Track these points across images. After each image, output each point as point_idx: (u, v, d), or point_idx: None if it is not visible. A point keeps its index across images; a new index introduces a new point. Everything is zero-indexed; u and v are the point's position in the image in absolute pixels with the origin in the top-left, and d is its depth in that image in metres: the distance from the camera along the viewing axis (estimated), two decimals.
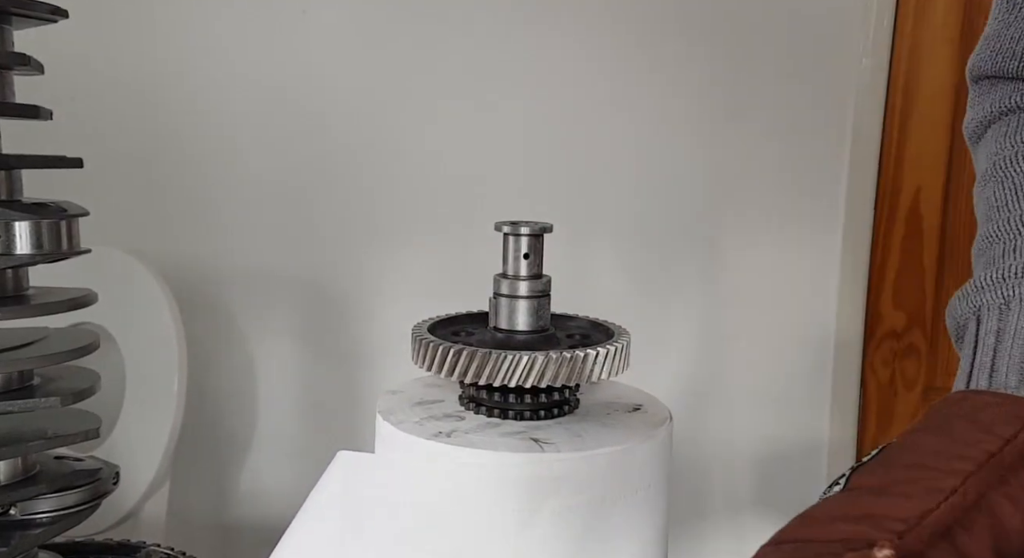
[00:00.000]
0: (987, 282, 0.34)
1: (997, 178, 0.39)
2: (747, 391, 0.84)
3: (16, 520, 0.44)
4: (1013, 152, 0.38)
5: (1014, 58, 0.40)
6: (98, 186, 0.64)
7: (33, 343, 0.44)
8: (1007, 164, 0.38)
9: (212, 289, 0.80)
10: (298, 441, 0.83)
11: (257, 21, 0.76)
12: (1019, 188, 0.37)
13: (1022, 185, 0.37)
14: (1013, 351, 0.31)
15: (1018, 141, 0.39)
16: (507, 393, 0.37)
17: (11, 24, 0.41)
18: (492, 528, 0.33)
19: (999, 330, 0.32)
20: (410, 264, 0.80)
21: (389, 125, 0.78)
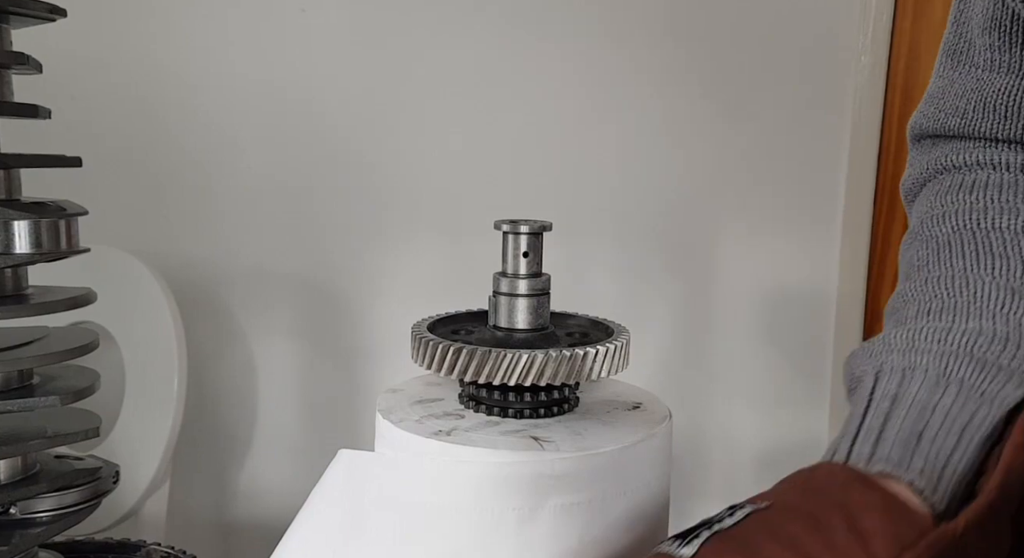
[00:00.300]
0: (894, 341, 0.33)
1: (922, 237, 0.37)
2: (747, 390, 0.84)
3: (16, 519, 0.44)
4: (941, 212, 0.37)
5: (956, 115, 0.39)
6: (97, 185, 0.64)
7: (33, 342, 0.44)
8: (933, 224, 0.37)
9: (212, 288, 0.80)
10: (298, 440, 0.83)
11: (256, 20, 0.76)
12: (941, 248, 0.36)
13: (944, 245, 0.36)
14: (905, 422, 0.29)
15: (947, 201, 0.37)
16: (507, 391, 0.37)
17: (9, 23, 0.41)
18: (492, 526, 0.33)
19: (896, 396, 0.31)
20: (409, 263, 0.80)
21: (388, 124, 0.78)
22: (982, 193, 0.36)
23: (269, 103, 0.77)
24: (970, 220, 0.35)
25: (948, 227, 0.36)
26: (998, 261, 0.33)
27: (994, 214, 0.35)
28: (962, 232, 0.35)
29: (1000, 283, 0.33)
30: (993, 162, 0.37)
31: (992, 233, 0.34)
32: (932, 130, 0.40)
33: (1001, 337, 0.31)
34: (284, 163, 0.79)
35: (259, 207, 0.79)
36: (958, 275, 0.34)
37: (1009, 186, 0.35)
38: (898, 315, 0.36)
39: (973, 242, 0.34)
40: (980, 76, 0.37)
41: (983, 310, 0.32)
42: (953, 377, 0.30)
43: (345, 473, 0.36)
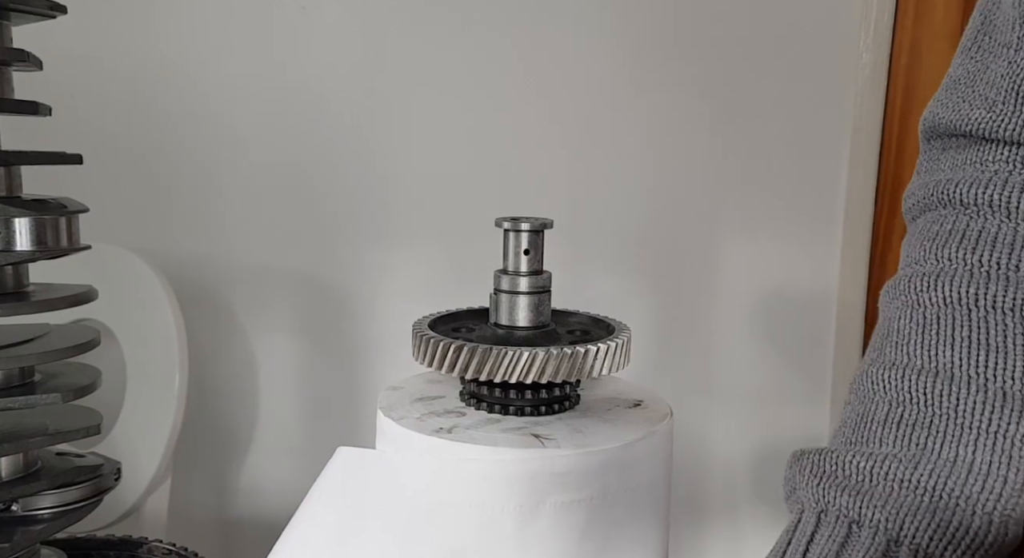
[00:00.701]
0: (849, 471, 0.29)
1: (908, 297, 0.32)
2: (747, 389, 0.84)
3: (18, 516, 0.44)
4: (935, 270, 0.31)
5: (982, 105, 0.32)
6: (98, 182, 0.64)
7: (34, 339, 0.44)
8: (923, 286, 0.31)
9: (213, 285, 0.80)
10: (299, 437, 0.83)
11: (257, 18, 0.76)
12: (928, 324, 0.30)
13: (932, 322, 0.30)
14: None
15: (944, 256, 0.31)
16: (508, 389, 0.37)
17: (10, 20, 0.41)
18: (493, 524, 0.33)
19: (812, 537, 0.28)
20: (410, 260, 0.80)
21: (390, 122, 0.78)
22: (988, 254, 0.30)
23: (270, 101, 0.77)
24: (967, 293, 0.29)
25: (940, 296, 0.30)
26: (992, 356, 0.28)
27: (996, 289, 0.29)
28: (955, 307, 0.30)
29: (990, 388, 0.28)
30: (1010, 203, 0.30)
31: (991, 315, 0.29)
32: (951, 123, 0.33)
33: (979, 472, 0.27)
34: (285, 160, 0.79)
35: (260, 205, 0.79)
36: (942, 373, 0.29)
37: (1021, 246, 0.29)
38: (857, 423, 0.31)
39: (967, 325, 0.29)
40: (1012, 58, 0.31)
41: (963, 430, 0.28)
42: (906, 544, 0.27)
43: (345, 470, 0.36)
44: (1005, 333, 0.28)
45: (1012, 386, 0.28)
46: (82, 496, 0.46)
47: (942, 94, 0.35)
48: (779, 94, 0.79)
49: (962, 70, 0.34)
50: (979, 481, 0.27)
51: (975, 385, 0.28)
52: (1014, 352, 0.28)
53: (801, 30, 0.78)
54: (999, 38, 0.32)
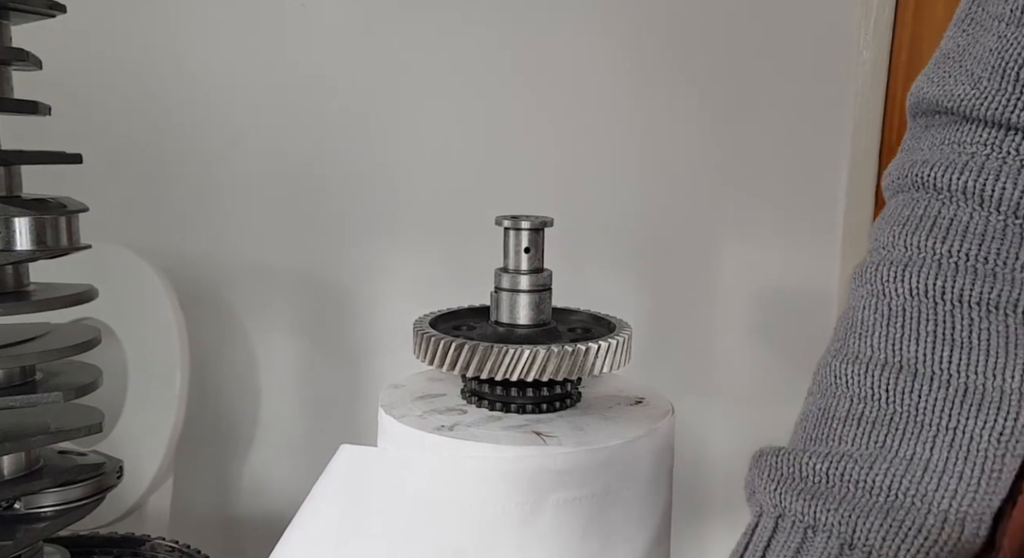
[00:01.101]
0: (806, 473, 0.28)
1: (875, 286, 0.31)
2: (747, 387, 0.84)
3: (21, 514, 0.45)
4: (904, 258, 0.30)
5: (967, 81, 0.30)
6: (98, 182, 0.64)
7: (35, 339, 0.44)
8: (891, 274, 0.30)
9: (213, 284, 0.80)
10: (301, 435, 0.83)
11: (257, 16, 0.76)
12: (894, 316, 0.29)
13: (898, 314, 0.29)
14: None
15: (913, 244, 0.30)
16: (509, 387, 0.37)
17: (9, 19, 0.41)
18: (495, 521, 0.33)
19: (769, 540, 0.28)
20: (411, 258, 0.80)
21: (390, 120, 0.78)
22: (957, 245, 0.29)
23: (270, 99, 0.77)
24: (934, 286, 0.29)
25: (907, 287, 0.29)
26: (956, 352, 0.28)
27: (964, 282, 0.28)
28: (921, 300, 0.29)
29: (952, 384, 0.27)
30: (984, 191, 0.29)
31: (957, 309, 0.28)
32: (935, 99, 0.32)
33: (934, 469, 0.27)
34: (285, 159, 0.78)
35: (260, 204, 0.79)
36: (906, 369, 0.28)
37: (993, 236, 0.28)
38: (818, 418, 0.30)
39: (932, 319, 0.28)
40: (1003, 31, 0.29)
41: (922, 427, 0.27)
42: (859, 547, 0.26)
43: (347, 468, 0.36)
44: (970, 328, 0.28)
45: (975, 380, 0.27)
46: (84, 494, 0.46)
47: (930, 68, 0.33)
48: (779, 91, 0.79)
49: (952, 43, 0.32)
50: (934, 479, 0.27)
51: (938, 381, 0.28)
52: (978, 347, 0.28)
53: (801, 27, 0.78)
54: (991, 10, 0.30)
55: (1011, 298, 0.28)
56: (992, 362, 0.27)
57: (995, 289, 0.28)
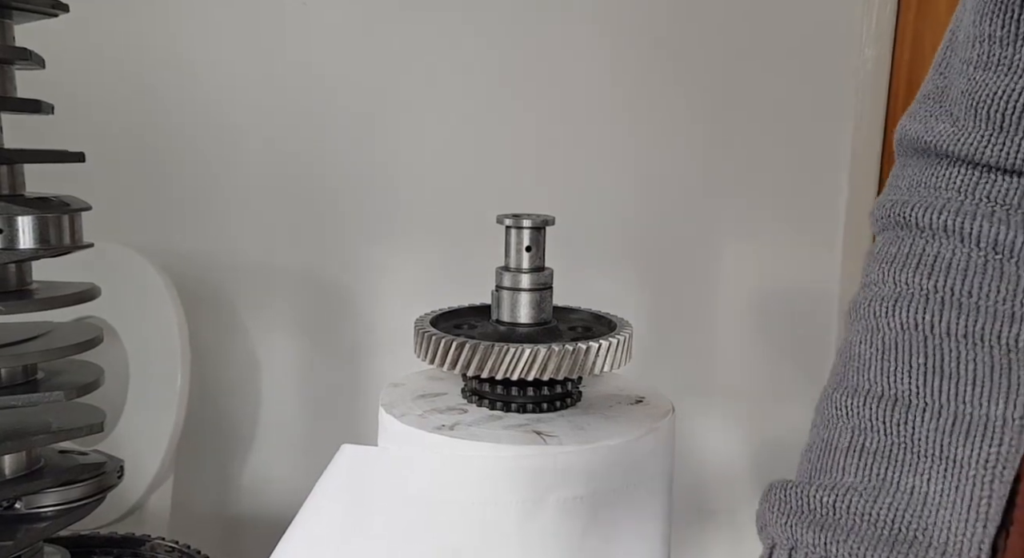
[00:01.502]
0: (815, 505, 0.29)
1: (867, 321, 0.32)
2: (747, 387, 0.84)
3: (21, 514, 0.45)
4: (893, 293, 0.31)
5: (946, 119, 0.32)
6: (100, 180, 0.64)
7: (37, 337, 0.44)
8: (882, 309, 0.31)
9: (215, 283, 0.80)
10: (301, 435, 0.83)
11: (257, 14, 0.76)
12: (887, 350, 0.30)
13: (891, 347, 0.30)
14: None
15: (901, 280, 0.31)
16: (509, 386, 0.37)
17: (12, 18, 0.41)
18: (495, 521, 0.33)
19: None
20: (412, 257, 0.80)
21: (391, 119, 0.78)
22: (943, 280, 0.30)
23: (272, 98, 0.77)
24: (923, 320, 0.30)
25: (898, 322, 0.31)
26: (946, 382, 0.29)
27: (951, 315, 0.30)
28: (912, 333, 0.30)
29: (944, 414, 0.28)
30: (963, 229, 0.30)
31: (945, 342, 0.30)
32: (917, 135, 0.34)
33: (933, 503, 0.28)
34: (286, 158, 0.79)
35: (262, 203, 0.79)
36: (900, 400, 0.30)
37: (975, 271, 0.30)
38: (828, 429, 0.32)
39: (923, 351, 0.30)
40: (971, 74, 0.31)
41: (919, 459, 0.29)
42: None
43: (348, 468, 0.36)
44: (958, 359, 0.29)
45: (963, 409, 0.29)
46: (85, 494, 0.46)
47: (913, 107, 0.35)
48: (780, 90, 0.79)
49: (932, 85, 0.34)
50: (932, 512, 0.28)
51: (931, 411, 0.29)
52: (965, 377, 0.29)
53: (802, 25, 0.78)
54: (961, 55, 0.32)
55: (993, 330, 0.29)
56: (978, 391, 0.29)
57: (979, 322, 0.29)
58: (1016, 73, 0.29)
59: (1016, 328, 0.29)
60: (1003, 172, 0.30)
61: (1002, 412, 0.28)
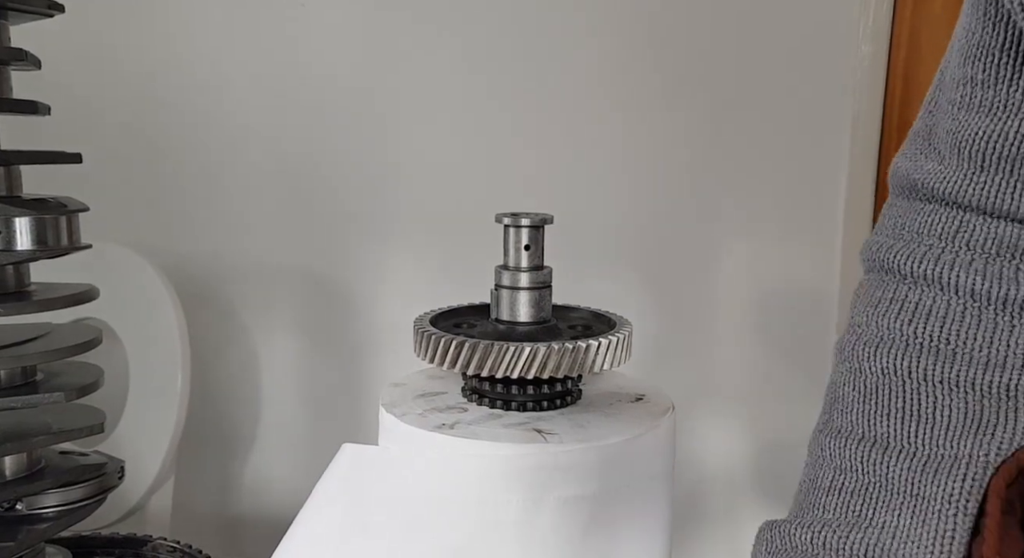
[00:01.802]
0: (800, 543, 0.31)
1: (852, 363, 0.34)
2: (747, 386, 0.84)
3: (22, 515, 0.45)
4: (876, 337, 0.33)
5: (936, 158, 0.33)
6: (98, 181, 0.64)
7: (36, 339, 0.44)
8: (865, 353, 0.33)
9: (214, 283, 0.80)
10: (302, 434, 0.83)
11: (256, 14, 0.76)
12: (869, 393, 0.32)
13: (872, 391, 0.32)
14: None
15: (884, 325, 0.33)
16: (509, 384, 0.37)
17: (7, 19, 0.41)
18: (496, 519, 0.33)
19: None
20: (411, 256, 0.80)
21: (390, 118, 0.78)
22: (922, 327, 0.32)
23: (270, 98, 0.77)
24: (902, 365, 0.32)
25: (879, 365, 0.33)
26: (922, 426, 0.31)
27: (928, 361, 0.31)
28: (892, 378, 0.32)
29: (918, 455, 0.30)
30: (942, 278, 0.32)
31: (923, 387, 0.31)
32: (907, 172, 0.35)
33: (903, 537, 0.29)
34: (285, 158, 0.78)
35: (261, 202, 0.79)
36: (879, 442, 0.31)
37: (953, 319, 0.31)
38: (814, 468, 0.33)
39: (902, 395, 0.31)
40: (956, 115, 0.32)
41: (891, 496, 0.30)
42: None
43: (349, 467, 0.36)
44: (934, 404, 0.31)
45: (936, 451, 0.30)
46: (86, 495, 0.46)
47: (905, 145, 0.37)
48: (777, 87, 0.79)
49: (921, 124, 0.36)
50: (901, 546, 0.29)
51: (906, 453, 0.31)
52: (940, 422, 0.30)
53: (799, 22, 0.78)
54: (947, 95, 0.33)
55: (968, 376, 0.30)
56: (951, 434, 0.30)
57: (955, 368, 0.31)
58: (997, 115, 0.30)
59: (990, 374, 0.30)
60: (984, 215, 0.32)
61: (969, 450, 0.29)
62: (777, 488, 0.85)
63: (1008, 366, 0.30)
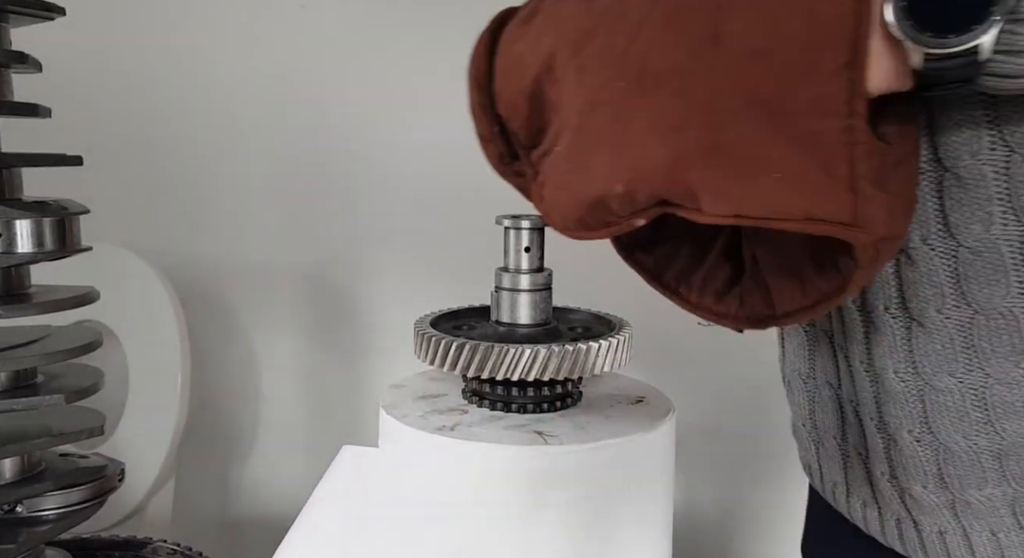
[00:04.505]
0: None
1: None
2: (748, 385, 0.84)
3: (22, 517, 0.45)
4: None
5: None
6: (98, 184, 0.64)
7: (36, 341, 0.44)
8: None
9: (214, 285, 0.80)
10: (302, 436, 0.83)
11: (256, 17, 0.76)
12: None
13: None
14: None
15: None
16: (510, 386, 0.37)
17: (8, 22, 0.41)
18: (497, 521, 0.33)
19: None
20: (412, 258, 0.80)
21: (389, 120, 0.78)
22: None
23: (269, 100, 0.77)
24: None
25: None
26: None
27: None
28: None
29: None
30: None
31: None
32: None
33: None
34: (285, 160, 0.79)
35: (260, 204, 0.79)
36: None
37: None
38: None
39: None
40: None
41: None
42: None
43: (349, 469, 0.36)
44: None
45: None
46: (86, 497, 0.46)
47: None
48: None
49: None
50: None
51: None
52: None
53: None
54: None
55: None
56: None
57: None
58: None
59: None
60: None
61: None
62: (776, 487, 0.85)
63: None
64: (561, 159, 0.30)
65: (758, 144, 0.25)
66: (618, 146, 0.28)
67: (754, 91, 0.25)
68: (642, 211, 0.28)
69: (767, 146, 0.25)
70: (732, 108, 0.26)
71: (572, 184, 0.30)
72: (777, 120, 0.25)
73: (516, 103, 0.33)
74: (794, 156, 0.25)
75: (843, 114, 0.24)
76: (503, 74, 0.34)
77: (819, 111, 0.25)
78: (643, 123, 0.27)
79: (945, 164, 0.32)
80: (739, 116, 0.26)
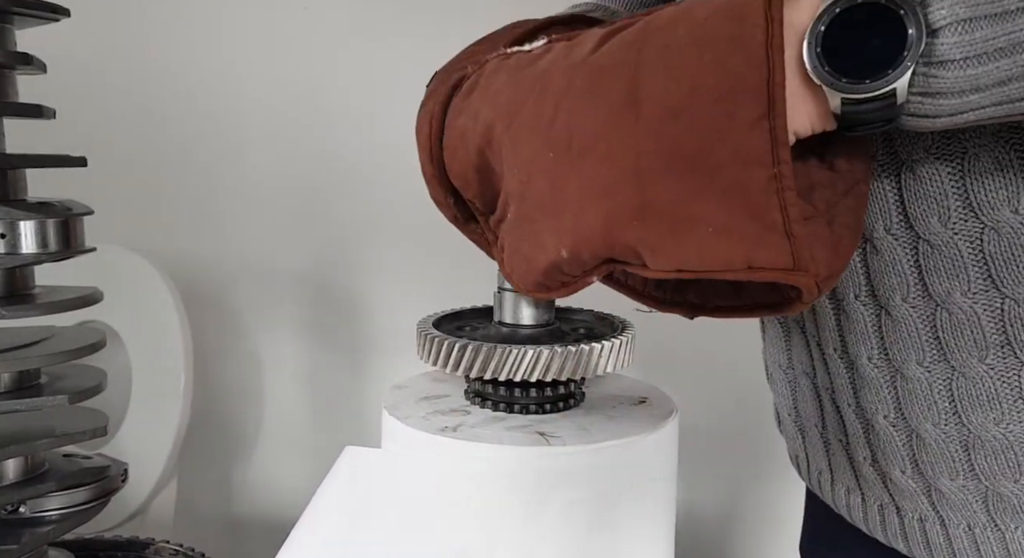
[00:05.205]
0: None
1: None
2: (748, 385, 0.84)
3: (25, 518, 0.45)
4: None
5: None
6: (102, 184, 0.64)
7: (39, 342, 0.44)
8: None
9: (217, 286, 0.80)
10: (304, 437, 0.83)
11: (260, 18, 0.76)
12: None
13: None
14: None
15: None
16: (513, 387, 0.37)
17: (13, 24, 0.41)
18: (499, 521, 0.33)
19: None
20: (414, 259, 0.80)
21: (392, 120, 0.78)
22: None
23: (274, 101, 0.77)
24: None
25: None
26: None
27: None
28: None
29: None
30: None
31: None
32: None
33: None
34: (289, 160, 0.79)
35: (264, 205, 0.79)
36: None
37: None
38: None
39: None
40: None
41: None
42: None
43: (352, 470, 0.36)
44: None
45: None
46: (89, 497, 0.46)
47: None
48: None
49: None
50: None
51: None
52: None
53: None
54: None
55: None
56: None
57: None
58: None
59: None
60: None
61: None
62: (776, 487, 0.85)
63: None
64: (512, 227, 0.31)
65: (685, 200, 0.26)
66: (557, 213, 0.29)
67: (675, 149, 0.26)
68: (593, 270, 0.29)
69: (695, 201, 0.26)
70: (655, 167, 0.26)
71: (524, 251, 0.31)
72: (703, 175, 0.26)
73: (466, 176, 0.34)
74: (725, 208, 0.25)
75: (768, 163, 0.25)
76: (450, 150, 0.35)
77: (743, 162, 0.25)
78: (575, 189, 0.28)
79: (901, 157, 0.32)
80: (663, 175, 0.26)
